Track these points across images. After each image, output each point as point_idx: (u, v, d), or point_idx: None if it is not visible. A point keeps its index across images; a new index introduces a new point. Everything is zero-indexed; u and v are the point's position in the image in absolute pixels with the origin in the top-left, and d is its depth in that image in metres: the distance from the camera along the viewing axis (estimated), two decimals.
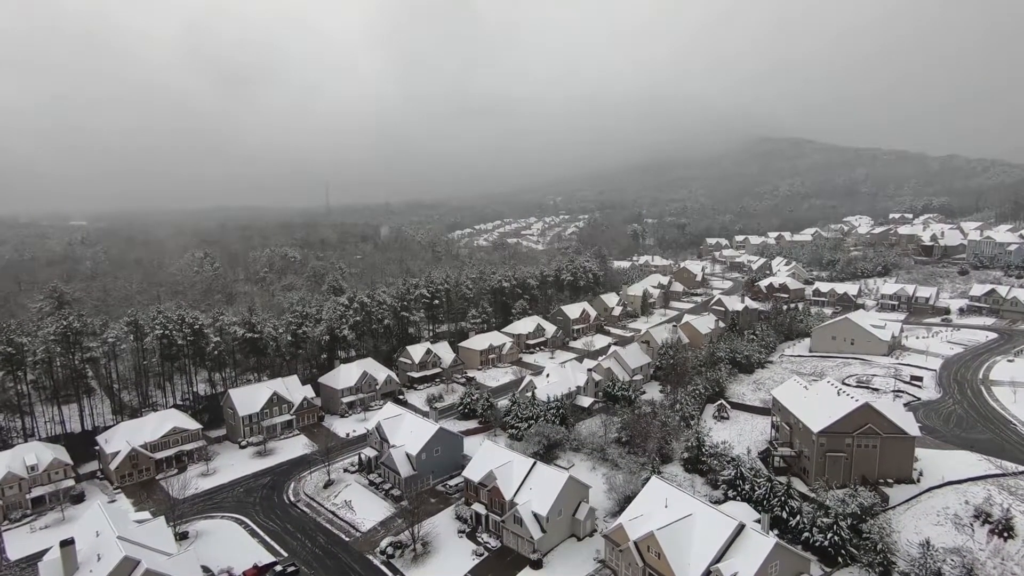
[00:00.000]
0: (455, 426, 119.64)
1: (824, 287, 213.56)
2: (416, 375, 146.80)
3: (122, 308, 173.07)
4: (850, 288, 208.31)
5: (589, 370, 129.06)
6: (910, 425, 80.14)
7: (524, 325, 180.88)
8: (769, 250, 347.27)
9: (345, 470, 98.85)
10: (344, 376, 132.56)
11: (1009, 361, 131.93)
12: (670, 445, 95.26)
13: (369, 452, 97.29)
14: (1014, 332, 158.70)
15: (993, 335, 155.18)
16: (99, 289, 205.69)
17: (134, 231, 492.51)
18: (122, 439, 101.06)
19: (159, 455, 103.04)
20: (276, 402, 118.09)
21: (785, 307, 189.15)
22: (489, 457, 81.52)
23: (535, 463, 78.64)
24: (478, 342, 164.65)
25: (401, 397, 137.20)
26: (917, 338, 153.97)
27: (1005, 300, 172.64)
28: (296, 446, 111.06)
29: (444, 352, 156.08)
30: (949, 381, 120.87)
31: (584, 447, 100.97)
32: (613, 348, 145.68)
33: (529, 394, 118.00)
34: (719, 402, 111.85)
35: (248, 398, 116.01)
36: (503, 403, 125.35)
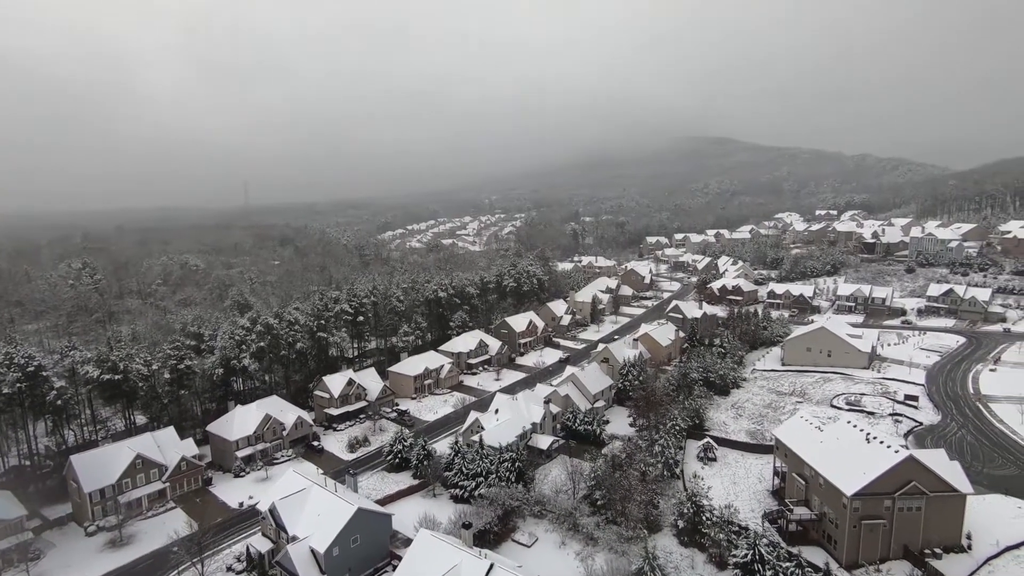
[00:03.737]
0: (382, 481, 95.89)
1: (779, 288, 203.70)
2: (336, 412, 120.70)
3: None
4: (805, 289, 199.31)
5: (546, 401, 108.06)
6: (959, 479, 64.11)
7: (465, 342, 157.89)
8: (711, 248, 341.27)
9: (230, 568, 72.58)
10: (240, 422, 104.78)
11: (991, 371, 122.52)
12: (658, 508, 75.60)
13: (261, 544, 71.44)
14: (977, 335, 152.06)
15: (961, 339, 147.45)
16: None
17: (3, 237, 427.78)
18: None
19: None
20: (141, 467, 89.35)
21: (742, 311, 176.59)
22: (427, 559, 58.35)
23: (491, 567, 56.23)
24: (411, 365, 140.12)
25: (316, 444, 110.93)
26: (889, 345, 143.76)
27: (963, 300, 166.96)
28: (168, 527, 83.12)
29: (370, 381, 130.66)
30: (942, 398, 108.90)
31: (548, 511, 79.71)
32: (571, 371, 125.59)
33: (476, 438, 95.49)
34: (704, 440, 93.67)
35: (99, 465, 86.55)
36: (443, 448, 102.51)
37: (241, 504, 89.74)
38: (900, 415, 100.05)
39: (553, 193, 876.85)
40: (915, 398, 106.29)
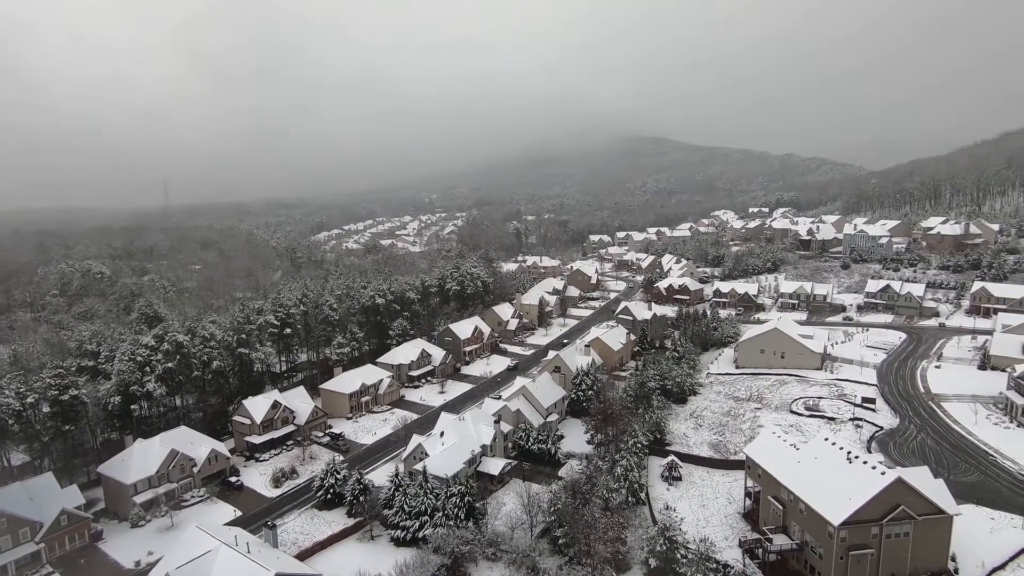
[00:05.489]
0: (311, 522, 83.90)
1: (724, 287, 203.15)
2: (259, 440, 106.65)
3: None
4: (749, 287, 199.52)
5: (496, 420, 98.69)
6: (946, 500, 59.66)
7: (405, 352, 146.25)
8: (654, 246, 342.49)
9: None
10: (139, 460, 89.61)
11: (936, 367, 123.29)
12: (626, 544, 67.81)
13: None
14: (916, 330, 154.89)
15: (902, 335, 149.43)
16: None
17: None
18: None
19: None
20: (5, 528, 73.39)
21: (691, 311, 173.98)
22: None
23: None
24: (346, 382, 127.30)
25: (234, 480, 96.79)
26: (837, 344, 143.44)
27: (900, 296, 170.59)
28: None
29: (299, 402, 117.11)
30: (897, 399, 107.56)
31: (503, 551, 70.44)
32: (521, 382, 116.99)
33: (419, 466, 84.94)
34: (669, 458, 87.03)
35: None
36: (383, 476, 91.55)
37: (138, 563, 75.48)
38: (860, 420, 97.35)
39: (495, 191, 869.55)
40: (872, 400, 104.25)
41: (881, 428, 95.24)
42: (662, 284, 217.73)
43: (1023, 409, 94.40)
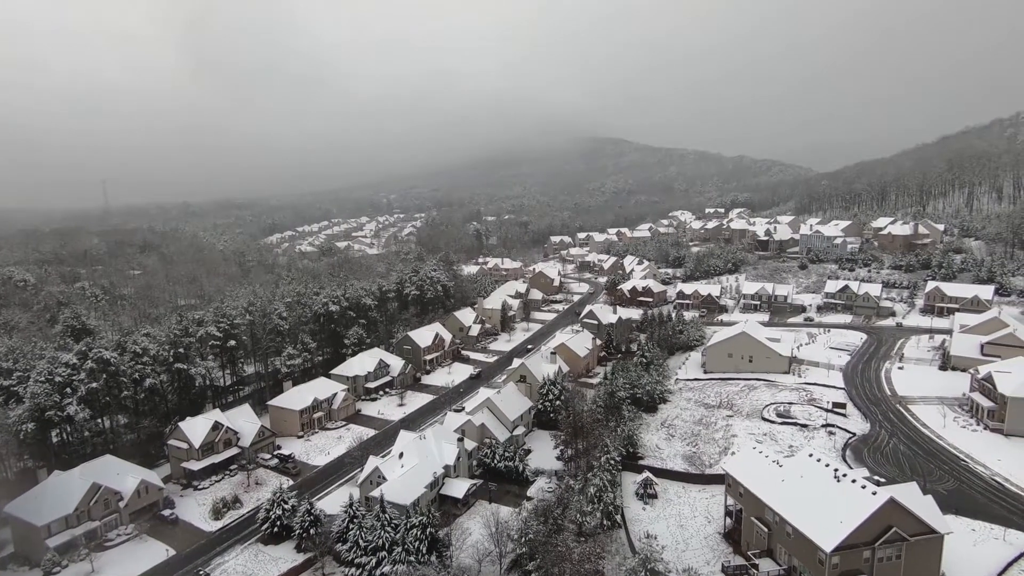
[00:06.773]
0: (256, 559, 75.96)
1: (687, 288, 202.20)
2: (197, 466, 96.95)
3: None
4: (712, 289, 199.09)
5: (459, 438, 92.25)
6: (936, 518, 56.81)
7: (362, 363, 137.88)
8: (615, 247, 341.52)
9: None
10: (54, 496, 79.19)
11: (899, 368, 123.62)
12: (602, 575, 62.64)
13: None
14: (875, 330, 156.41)
15: (863, 335, 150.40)
16: None
17: None
18: None
19: None
20: None
21: (656, 314, 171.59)
22: None
23: None
24: (296, 397, 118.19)
25: (168, 513, 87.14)
26: (801, 346, 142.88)
27: (858, 296, 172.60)
28: None
29: (244, 421, 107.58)
30: (865, 403, 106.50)
31: None
32: (485, 394, 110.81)
33: (377, 492, 77.73)
34: (644, 475, 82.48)
35: None
36: (337, 502, 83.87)
37: None
38: (833, 426, 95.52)
39: (454, 192, 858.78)
40: (843, 405, 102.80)
41: (854, 434, 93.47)
42: (625, 286, 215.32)
43: (988, 411, 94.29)
